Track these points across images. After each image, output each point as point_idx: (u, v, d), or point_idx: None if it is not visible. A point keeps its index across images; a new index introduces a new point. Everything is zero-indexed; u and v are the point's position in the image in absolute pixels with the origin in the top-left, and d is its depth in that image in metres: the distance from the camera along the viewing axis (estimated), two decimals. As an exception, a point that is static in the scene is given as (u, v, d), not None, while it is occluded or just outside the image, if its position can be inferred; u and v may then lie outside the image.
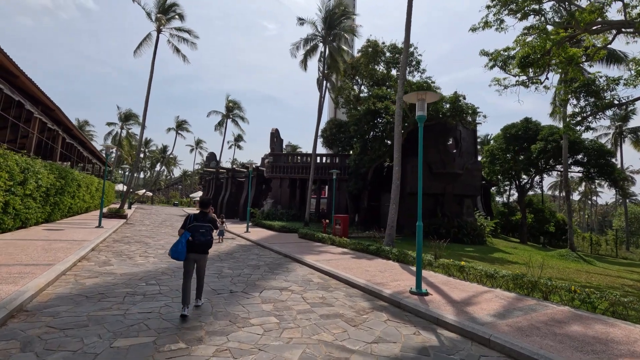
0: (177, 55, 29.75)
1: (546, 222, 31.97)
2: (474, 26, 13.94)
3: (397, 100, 13.91)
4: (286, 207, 27.14)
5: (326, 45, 23.20)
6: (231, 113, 51.03)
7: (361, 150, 23.20)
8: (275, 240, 16.34)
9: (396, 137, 13.74)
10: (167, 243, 13.98)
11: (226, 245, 14.55)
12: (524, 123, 29.35)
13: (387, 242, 12.97)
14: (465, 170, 24.43)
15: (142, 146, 74.35)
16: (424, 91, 7.39)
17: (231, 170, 33.59)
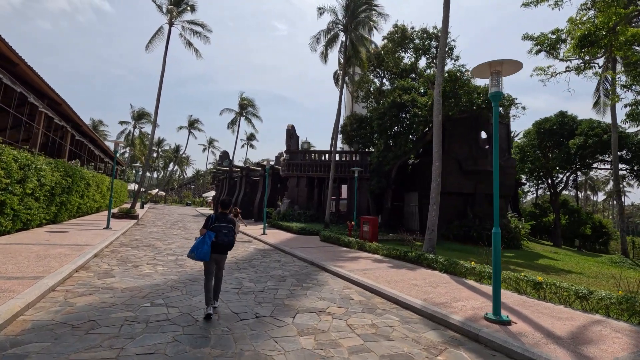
0: (189, 50, 28.62)
1: (582, 224, 29.69)
2: (526, 1, 12.13)
3: (436, 86, 12.26)
4: (303, 208, 25.68)
5: (347, 35, 21.62)
6: (244, 111, 49.90)
7: (385, 146, 21.55)
8: (296, 244, 14.87)
9: (435, 127, 12.10)
10: (179, 247, 12.65)
11: (243, 250, 13.14)
12: (559, 117, 27.21)
13: (427, 248, 11.33)
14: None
15: (154, 145, 74.24)
16: (499, 60, 5.77)
17: (245, 169, 32.32)
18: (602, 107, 22.06)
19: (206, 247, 5.19)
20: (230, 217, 5.58)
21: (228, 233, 5.40)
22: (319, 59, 24.07)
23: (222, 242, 5.34)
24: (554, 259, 17.10)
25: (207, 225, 5.40)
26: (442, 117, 19.51)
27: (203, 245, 5.18)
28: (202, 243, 5.19)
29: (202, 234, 5.33)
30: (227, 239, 5.38)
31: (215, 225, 5.36)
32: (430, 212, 11.61)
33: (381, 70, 25.91)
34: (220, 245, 5.34)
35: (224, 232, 5.35)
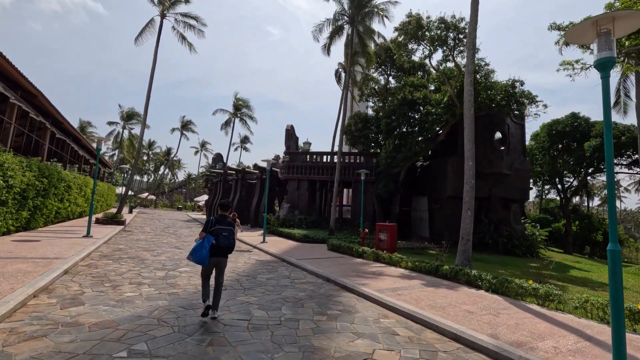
0: (183, 44, 26.86)
1: (593, 231, 28.50)
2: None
3: (467, 75, 10.78)
4: (304, 213, 23.99)
5: (354, 27, 20.17)
6: (239, 112, 48.13)
7: (394, 146, 20.03)
8: (302, 254, 13.18)
9: (467, 122, 10.59)
10: (170, 259, 10.88)
11: (243, 262, 11.40)
12: (571, 119, 26.07)
13: (462, 261, 9.75)
14: (513, 170, 21.18)
15: (145, 148, 71.88)
16: (609, 13, 4.23)
17: (241, 171, 30.52)
18: (622, 107, 20.96)
19: (205, 252, 5.10)
20: (230, 220, 5.49)
21: (229, 236, 5.30)
22: (321, 51, 22.56)
23: (223, 245, 5.25)
24: (583, 270, 15.69)
25: (206, 229, 5.29)
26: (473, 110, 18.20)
27: (202, 249, 5.10)
28: (201, 247, 5.11)
29: (201, 238, 5.22)
30: (227, 242, 5.30)
31: (215, 228, 5.26)
32: (464, 218, 10.05)
33: (386, 67, 24.48)
34: (221, 248, 5.26)
35: (224, 234, 5.24)
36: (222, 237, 5.24)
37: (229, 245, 5.33)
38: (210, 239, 5.19)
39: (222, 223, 5.34)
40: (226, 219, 5.45)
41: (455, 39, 15.98)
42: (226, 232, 5.29)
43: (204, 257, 5.10)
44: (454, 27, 15.65)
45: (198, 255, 5.09)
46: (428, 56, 17.30)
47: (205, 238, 5.17)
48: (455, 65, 16.94)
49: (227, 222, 5.41)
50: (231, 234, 5.37)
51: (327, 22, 21.52)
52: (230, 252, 5.46)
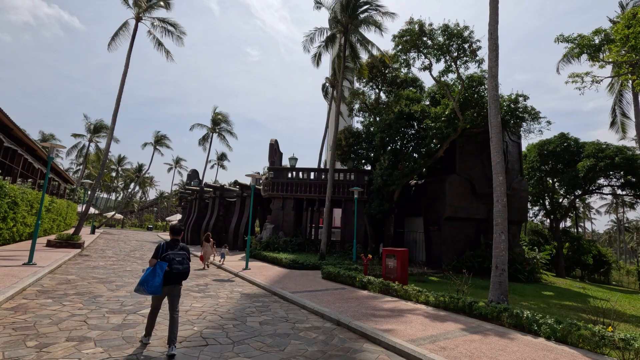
0: (159, 50, 24.88)
1: (583, 253, 27.92)
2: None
3: (491, 79, 9.49)
4: (290, 234, 21.88)
5: (347, 36, 18.99)
6: (218, 127, 45.92)
7: (390, 163, 18.59)
8: (296, 285, 11.13)
9: (494, 130, 9.19)
10: (132, 295, 8.58)
11: (226, 297, 9.25)
12: (561, 139, 25.80)
13: (498, 297, 8.04)
14: (512, 190, 20.16)
15: (114, 163, 67.68)
16: None
17: (219, 188, 28.13)
18: (619, 126, 20.70)
19: (158, 280, 4.74)
20: (183, 244, 5.24)
21: (182, 261, 5.02)
22: (311, 62, 21.23)
23: (177, 271, 4.91)
24: (602, 298, 14.42)
25: (157, 255, 4.95)
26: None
27: (154, 278, 4.73)
28: (153, 275, 4.75)
29: (152, 265, 4.85)
30: (181, 267, 4.98)
31: (166, 254, 4.92)
32: (497, 244, 8.43)
33: (377, 82, 23.40)
34: (174, 274, 4.89)
35: (177, 260, 4.94)
36: (176, 263, 4.90)
37: (183, 270, 4.99)
38: (163, 265, 4.82)
39: (175, 248, 5.05)
40: (178, 243, 5.17)
41: (459, 49, 15.01)
42: (179, 257, 4.98)
43: (157, 286, 4.71)
44: (458, 35, 14.69)
45: (150, 285, 4.68)
46: (429, 67, 16.21)
47: (157, 265, 4.82)
48: (458, 76, 15.92)
49: (180, 247, 5.12)
50: (185, 258, 5.06)
51: (318, 31, 20.30)
52: (184, 278, 5.07)
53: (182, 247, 5.18)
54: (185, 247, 5.24)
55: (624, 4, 18.46)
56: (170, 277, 4.88)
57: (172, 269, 4.87)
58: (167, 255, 4.91)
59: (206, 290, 9.98)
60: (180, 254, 5.02)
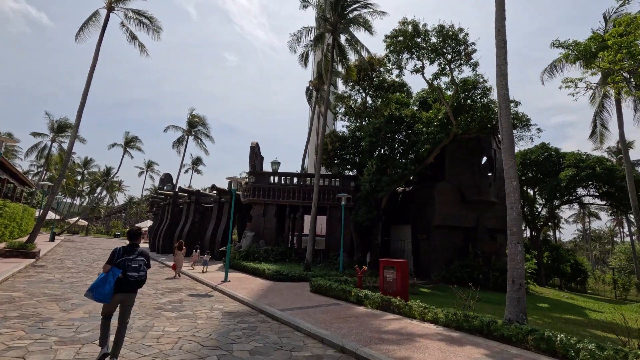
0: (133, 44, 23.19)
1: (562, 262, 28.20)
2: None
3: (500, 77, 8.85)
4: (271, 243, 20.57)
5: (336, 35, 18.21)
6: (194, 130, 43.95)
7: (378, 169, 17.81)
8: (284, 301, 9.95)
9: (506, 132, 8.49)
10: (90, 317, 7.16)
11: (205, 316, 7.96)
12: (542, 149, 26.09)
13: (516, 315, 7.21)
14: (499, 199, 19.87)
15: (79, 166, 63.64)
16: None
17: (195, 193, 26.40)
18: (599, 137, 21.04)
19: (108, 287, 4.44)
20: (142, 250, 4.92)
21: (139, 268, 4.71)
22: (298, 61, 20.27)
23: (132, 279, 4.63)
24: (595, 310, 14.11)
25: (112, 261, 4.66)
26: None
27: (105, 284, 4.43)
28: (104, 281, 4.45)
29: (105, 271, 4.58)
30: (137, 275, 4.67)
31: (122, 259, 4.65)
32: (513, 255, 7.64)
33: (364, 85, 22.75)
34: (129, 282, 4.62)
35: (133, 266, 4.65)
36: (131, 269, 4.64)
37: (138, 278, 4.72)
38: (116, 272, 4.58)
39: (131, 253, 4.76)
40: (136, 248, 4.87)
41: (454, 51, 14.53)
42: (136, 264, 4.70)
43: (106, 294, 4.44)
44: (453, 37, 14.21)
45: (99, 292, 4.42)
46: (421, 69, 15.64)
47: (109, 271, 4.57)
48: (451, 79, 15.43)
49: (138, 253, 4.83)
50: (142, 265, 4.77)
51: (306, 30, 19.41)
52: (140, 286, 4.82)
53: (141, 252, 4.85)
54: (144, 253, 4.91)
55: (607, 17, 18.77)
56: (125, 285, 4.59)
57: (126, 275, 4.57)
58: (122, 261, 4.62)
59: (181, 309, 8.62)
60: (137, 260, 4.71)
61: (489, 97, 15.39)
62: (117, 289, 4.56)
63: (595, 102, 20.58)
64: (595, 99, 20.55)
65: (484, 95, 15.30)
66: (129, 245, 4.88)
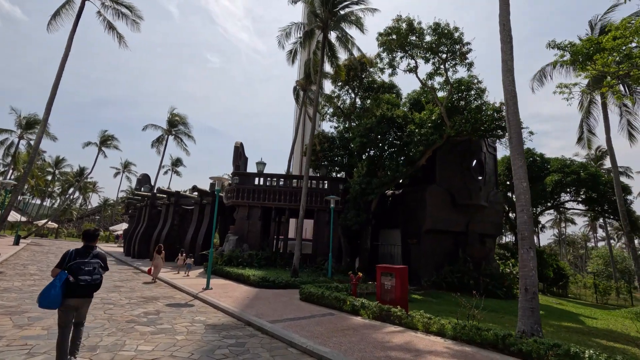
0: (111, 34, 21.85)
1: (545, 267, 28.38)
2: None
3: (507, 74, 8.39)
4: (255, 247, 19.58)
5: (326, 32, 17.58)
6: (174, 129, 42.36)
7: (368, 171, 17.23)
8: (273, 311, 9.11)
9: (514, 130, 7.98)
10: (49, 333, 6.13)
11: (186, 332, 7.04)
12: (526, 154, 26.26)
13: (531, 326, 6.63)
14: (489, 203, 19.66)
15: (50, 165, 60.41)
16: None
17: (175, 194, 25.08)
18: (586, 142, 21.26)
19: (54, 292, 4.15)
20: (98, 252, 4.64)
21: (93, 271, 4.45)
22: (286, 58, 19.52)
23: (84, 282, 4.35)
24: (589, 316, 13.90)
25: (62, 264, 4.39)
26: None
27: (50, 289, 4.15)
28: (50, 286, 4.18)
29: (54, 275, 4.34)
30: (90, 278, 4.40)
31: (74, 262, 4.37)
32: (525, 261, 7.10)
33: (352, 86, 22.23)
34: (81, 286, 4.34)
35: (86, 269, 4.39)
36: (83, 272, 4.33)
37: (92, 282, 4.40)
38: (63, 276, 4.24)
39: (85, 256, 4.46)
40: (91, 250, 4.57)
41: (449, 50, 14.15)
42: (89, 267, 4.40)
43: (51, 300, 4.11)
44: (448, 36, 13.83)
45: (44, 298, 4.10)
46: (414, 69, 15.20)
47: (57, 276, 4.24)
48: (446, 79, 15.06)
49: (93, 255, 4.53)
50: (97, 268, 4.48)
51: (295, 26, 18.72)
52: (95, 290, 4.50)
53: (96, 254, 4.59)
54: (100, 255, 4.65)
55: (593, 25, 18.98)
56: (77, 289, 4.31)
57: (78, 280, 4.30)
58: (74, 264, 4.33)
59: (158, 322, 7.65)
60: (91, 263, 4.46)
61: (483, 98, 15.11)
62: (70, 293, 4.28)
63: (582, 109, 20.80)
64: (583, 106, 20.76)
65: (478, 96, 15.01)
66: (83, 247, 4.57)
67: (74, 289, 4.30)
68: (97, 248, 4.84)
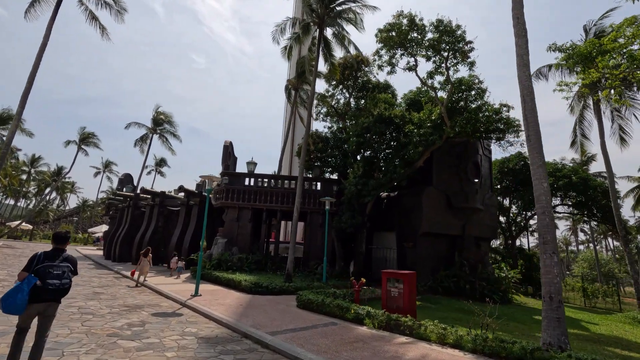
0: (92, 25, 20.70)
1: (535, 271, 28.47)
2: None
3: (523, 68, 7.95)
4: (245, 250, 18.72)
5: (322, 28, 17.00)
6: (159, 128, 40.94)
7: (365, 171, 16.69)
8: (270, 321, 8.38)
9: (533, 129, 7.50)
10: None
11: (177, 346, 6.25)
12: (518, 157, 26.32)
13: (557, 338, 6.13)
14: (484, 206, 19.42)
15: (25, 164, 57.69)
16: None
17: (160, 194, 23.93)
18: (579, 146, 21.35)
19: (20, 297, 3.89)
20: (67, 255, 4.42)
21: (62, 275, 4.23)
22: (281, 54, 18.80)
23: (52, 287, 4.11)
24: (584, 321, 13.67)
25: (29, 267, 4.16)
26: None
27: (17, 294, 3.88)
28: (17, 290, 3.91)
29: (20, 279, 4.06)
30: (58, 282, 4.18)
31: (42, 266, 4.13)
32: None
33: (346, 85, 21.70)
34: (48, 290, 4.10)
35: (55, 273, 4.16)
36: (51, 276, 4.11)
37: (60, 286, 4.16)
38: (32, 280, 4.00)
39: (54, 259, 4.24)
40: (61, 253, 4.36)
41: (452, 48, 13.78)
42: (58, 270, 4.19)
43: (18, 305, 3.85)
44: (450, 33, 13.45)
45: (10, 303, 3.82)
46: (414, 67, 14.76)
47: (25, 280, 3.98)
48: (446, 78, 14.68)
49: (63, 258, 4.32)
50: (67, 272, 4.26)
51: (290, 21, 18.08)
52: (63, 295, 4.29)
53: (66, 258, 4.39)
54: (71, 259, 4.45)
55: (587, 29, 19.05)
56: (43, 293, 4.09)
57: (45, 283, 4.09)
58: (42, 268, 4.13)
59: (144, 335, 6.82)
60: (60, 267, 4.26)
61: (484, 98, 14.81)
62: (35, 298, 4.02)
63: (574, 112, 20.87)
64: (576, 110, 20.84)
65: (478, 96, 14.70)
66: (53, 250, 4.34)
67: (41, 293, 4.06)
68: (67, 251, 4.54)
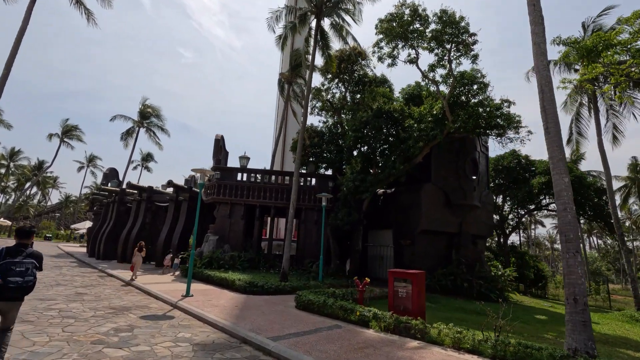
0: (76, 8, 19.61)
1: (527, 268, 28.57)
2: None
3: (540, 57, 7.54)
4: (237, 248, 18.04)
5: (320, 18, 16.40)
6: (146, 121, 39.68)
7: (363, 167, 16.20)
8: (268, 323, 7.82)
9: (552, 121, 7.09)
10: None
11: (170, 356, 5.64)
12: (512, 155, 26.25)
13: (582, 343, 5.71)
14: (481, 203, 19.18)
15: (4, 158, 55.46)
16: None
17: (147, 189, 22.99)
18: (574, 144, 21.33)
19: None
20: (32, 251, 4.23)
21: (25, 272, 4.04)
22: (275, 43, 18.04)
23: (14, 285, 3.94)
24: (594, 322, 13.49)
25: None
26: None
27: None
28: None
29: None
30: (21, 280, 3.99)
31: (3, 262, 3.94)
32: (571, 267, 6.17)
33: (342, 79, 21.13)
34: (9, 288, 3.93)
35: (17, 270, 3.98)
36: (13, 273, 3.92)
37: (23, 284, 3.98)
38: None
39: (17, 255, 4.06)
40: (24, 249, 4.16)
41: (455, 40, 13.37)
42: (22, 267, 4.00)
43: None
44: (454, 24, 13.02)
45: None
46: (415, 60, 14.31)
47: None
48: (449, 71, 14.27)
49: (27, 254, 4.12)
50: (31, 269, 4.07)
51: (287, 9, 17.42)
52: (26, 293, 4.10)
53: (30, 253, 4.18)
54: (35, 254, 4.24)
55: (586, 26, 18.94)
56: (5, 292, 3.90)
57: (7, 281, 3.89)
58: (2, 264, 3.90)
59: (132, 342, 6.17)
60: (24, 263, 4.05)
61: (486, 93, 14.47)
62: None
63: (571, 111, 20.83)
64: (570, 107, 20.79)
65: (480, 90, 14.34)
66: (15, 246, 4.15)
67: (2, 291, 3.91)
68: (32, 247, 4.32)
